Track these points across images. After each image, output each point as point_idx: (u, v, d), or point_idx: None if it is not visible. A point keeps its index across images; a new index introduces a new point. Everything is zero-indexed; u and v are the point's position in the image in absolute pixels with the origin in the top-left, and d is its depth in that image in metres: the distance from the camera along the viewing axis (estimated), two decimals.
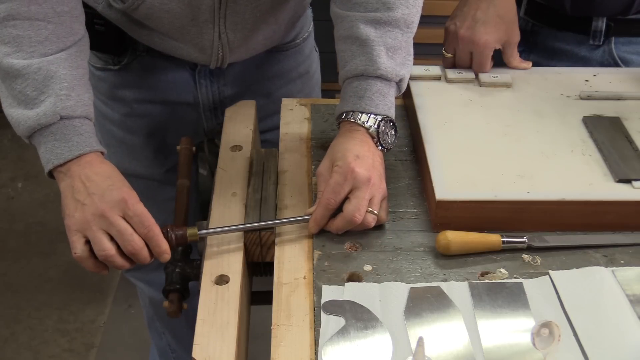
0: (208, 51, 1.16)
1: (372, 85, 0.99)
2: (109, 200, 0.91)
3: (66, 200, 0.94)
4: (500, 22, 1.18)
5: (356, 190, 0.94)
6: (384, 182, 0.98)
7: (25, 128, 0.94)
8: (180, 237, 0.95)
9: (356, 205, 0.93)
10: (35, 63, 0.93)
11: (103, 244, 0.91)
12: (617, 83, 1.20)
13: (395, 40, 1.00)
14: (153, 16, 1.09)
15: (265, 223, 0.97)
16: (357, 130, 0.99)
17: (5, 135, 2.92)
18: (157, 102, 1.28)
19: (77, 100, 0.96)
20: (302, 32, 1.34)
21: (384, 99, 1.00)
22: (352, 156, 0.95)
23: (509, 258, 0.93)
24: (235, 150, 1.13)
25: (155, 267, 1.43)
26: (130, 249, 0.92)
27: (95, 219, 0.91)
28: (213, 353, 0.81)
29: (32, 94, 0.93)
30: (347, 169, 0.94)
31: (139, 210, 0.92)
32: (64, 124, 0.95)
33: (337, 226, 0.95)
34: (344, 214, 0.94)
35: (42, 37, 0.94)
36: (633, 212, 0.95)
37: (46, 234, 2.45)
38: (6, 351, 2.04)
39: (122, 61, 1.23)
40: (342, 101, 1.02)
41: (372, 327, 0.82)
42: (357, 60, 1.00)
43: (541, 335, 0.75)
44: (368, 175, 0.94)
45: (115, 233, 0.91)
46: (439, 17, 1.98)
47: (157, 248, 0.93)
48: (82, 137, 0.96)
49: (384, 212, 0.97)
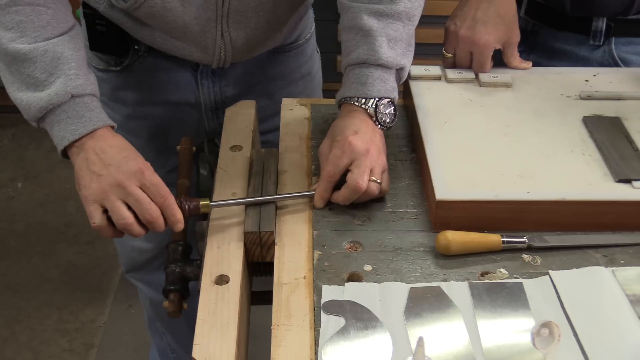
0: (211, 50, 1.16)
1: (374, 72, 1.03)
2: (125, 170, 0.94)
3: (81, 173, 0.97)
4: (500, 22, 1.18)
5: (356, 161, 0.98)
6: (383, 155, 1.01)
7: (36, 109, 0.97)
8: (193, 208, 0.98)
9: (358, 173, 0.97)
10: (41, 46, 0.96)
11: (122, 213, 0.94)
12: (617, 83, 1.20)
13: (397, 32, 1.04)
14: (155, 15, 1.09)
15: (273, 197, 1.01)
16: (356, 111, 1.03)
17: (5, 136, 2.92)
18: (158, 103, 1.28)
19: (85, 79, 0.99)
20: (304, 33, 1.34)
21: (384, 84, 1.04)
22: (351, 131, 0.99)
23: (509, 258, 0.93)
24: (235, 150, 1.13)
25: (156, 268, 1.44)
26: (148, 217, 0.94)
27: (112, 188, 0.93)
28: (213, 353, 0.81)
29: (42, 76, 0.96)
30: (345, 142, 0.98)
31: (156, 180, 0.95)
32: (75, 102, 0.97)
33: (343, 196, 0.99)
34: (348, 183, 0.98)
35: (44, 22, 0.97)
36: (633, 212, 0.95)
37: (46, 234, 2.45)
38: (6, 351, 2.05)
39: (124, 62, 1.23)
40: (344, 87, 1.06)
41: (372, 327, 0.82)
42: (360, 49, 1.04)
43: (541, 335, 0.75)
44: (366, 147, 0.98)
45: (133, 202, 0.94)
46: (439, 17, 1.98)
47: (172, 217, 0.96)
48: (94, 113, 0.99)
49: (386, 183, 1.01)
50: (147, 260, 1.47)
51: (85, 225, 2.47)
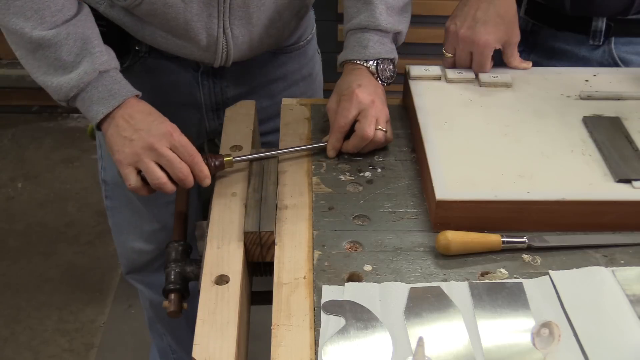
0: (212, 48, 1.16)
1: (373, 36, 1.14)
2: (155, 133, 1.01)
3: (113, 139, 1.03)
4: (500, 22, 1.18)
5: (363, 112, 1.07)
6: (386, 106, 1.11)
7: (68, 89, 1.03)
8: (219, 164, 1.06)
9: (365, 123, 1.06)
10: (63, 30, 1.01)
11: (156, 173, 1.00)
12: (617, 83, 1.20)
13: (395, 1, 1.15)
14: (156, 12, 1.09)
15: (288, 149, 1.11)
16: (358, 68, 1.13)
17: (5, 135, 2.92)
18: (159, 105, 1.27)
19: (108, 55, 1.06)
20: (306, 34, 1.34)
21: (383, 46, 1.14)
22: (356, 85, 1.09)
23: (509, 258, 0.93)
24: (235, 150, 1.13)
25: (156, 270, 1.44)
26: (180, 175, 1.01)
27: (145, 151, 1.00)
28: (213, 353, 0.81)
29: (69, 58, 1.02)
30: (352, 95, 1.08)
31: (184, 141, 1.02)
32: (103, 77, 1.04)
33: (353, 144, 1.08)
34: (357, 132, 1.07)
35: (59, 6, 1.02)
36: (633, 212, 0.95)
37: (46, 234, 2.45)
38: (6, 351, 2.05)
39: (125, 63, 1.23)
40: (346, 49, 1.16)
41: (372, 327, 0.82)
42: (361, 15, 1.14)
43: (541, 335, 0.75)
44: (371, 99, 1.08)
45: (165, 162, 1.00)
46: (439, 17, 1.99)
47: (200, 173, 1.02)
48: (121, 85, 1.06)
49: (390, 132, 1.11)
50: (147, 261, 1.48)
51: (85, 225, 2.47)
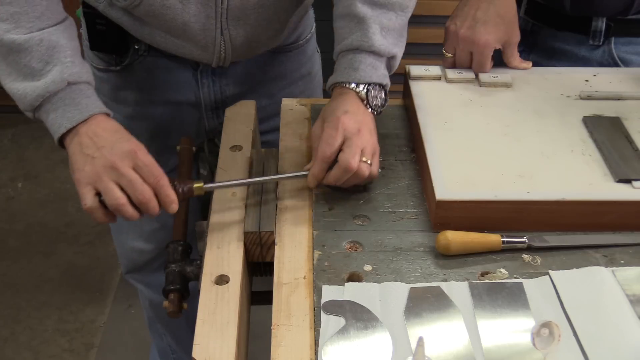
0: (210, 49, 1.16)
1: (366, 58, 1.04)
2: (118, 151, 0.94)
3: (75, 157, 0.97)
4: (500, 22, 1.18)
5: (347, 141, 0.98)
6: (374, 137, 1.02)
7: (33, 98, 0.97)
8: (187, 190, 0.97)
9: (349, 153, 0.97)
10: (36, 36, 0.97)
11: (115, 194, 0.93)
12: (617, 83, 1.20)
13: (390, 21, 1.06)
14: (154, 13, 1.09)
15: (264, 178, 1.04)
16: (347, 93, 1.04)
17: (5, 135, 2.92)
18: (159, 103, 1.28)
19: (81, 67, 1.00)
20: (305, 33, 1.34)
21: (376, 71, 1.05)
22: (341, 111, 1.00)
23: (509, 258, 0.93)
24: (235, 150, 1.13)
25: (155, 269, 1.44)
26: (141, 198, 0.94)
27: (106, 170, 0.94)
28: (213, 353, 0.81)
29: (38, 66, 0.97)
30: (336, 122, 0.99)
31: (148, 160, 0.95)
32: (72, 89, 0.98)
33: (335, 176, 0.99)
34: (339, 163, 0.98)
35: (38, 13, 0.98)
36: (633, 212, 0.95)
37: (46, 234, 2.45)
38: (6, 351, 2.05)
39: (124, 62, 1.23)
40: (336, 72, 1.07)
41: (372, 327, 0.82)
42: (353, 35, 1.05)
43: (541, 335, 0.75)
44: (357, 127, 0.99)
45: (126, 183, 0.93)
46: (439, 17, 1.99)
47: (165, 198, 0.95)
48: (90, 100, 1.00)
49: (375, 166, 1.01)
50: (147, 261, 1.47)
51: (85, 225, 2.47)
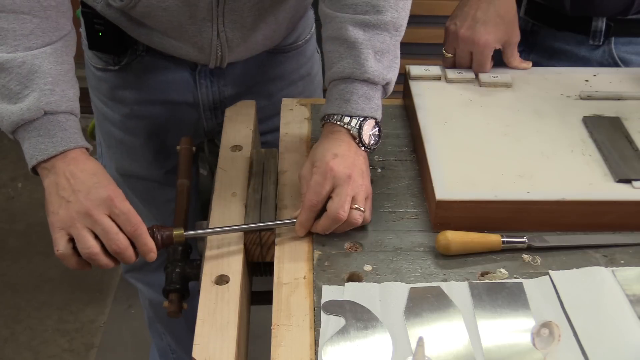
0: (207, 50, 1.16)
1: (359, 88, 0.99)
2: (94, 198, 0.90)
3: (50, 197, 0.93)
4: (500, 22, 1.18)
5: (337, 188, 0.93)
6: (367, 180, 0.97)
7: (8, 123, 0.94)
8: (166, 237, 0.94)
9: (339, 202, 0.92)
10: (19, 57, 0.92)
11: (87, 242, 0.90)
12: (617, 83, 1.20)
13: (384, 44, 1.00)
14: (151, 14, 1.09)
15: (251, 226, 0.96)
16: (338, 132, 0.99)
17: (5, 136, 2.90)
18: (157, 103, 1.28)
19: (61, 96, 0.94)
20: (304, 33, 1.34)
21: (369, 102, 0.99)
22: (331, 155, 0.95)
23: (509, 258, 0.93)
24: (235, 150, 1.13)
25: (155, 269, 1.44)
26: (115, 248, 0.91)
27: (80, 216, 0.90)
28: (213, 353, 0.81)
29: (16, 88, 0.92)
30: (325, 168, 0.94)
31: (126, 208, 0.91)
32: (48, 119, 0.93)
33: (323, 226, 0.94)
34: (328, 213, 0.93)
35: (26, 31, 0.93)
36: (633, 212, 0.95)
37: (46, 234, 2.40)
38: (6, 351, 2.05)
39: (122, 61, 1.23)
40: (328, 103, 1.01)
41: (372, 327, 0.82)
42: (344, 62, 0.99)
43: (541, 335, 0.75)
44: (348, 173, 0.93)
45: (100, 231, 0.90)
46: (439, 17, 1.99)
47: (143, 247, 0.92)
48: (67, 133, 0.94)
49: (368, 211, 0.96)
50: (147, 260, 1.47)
51: None
